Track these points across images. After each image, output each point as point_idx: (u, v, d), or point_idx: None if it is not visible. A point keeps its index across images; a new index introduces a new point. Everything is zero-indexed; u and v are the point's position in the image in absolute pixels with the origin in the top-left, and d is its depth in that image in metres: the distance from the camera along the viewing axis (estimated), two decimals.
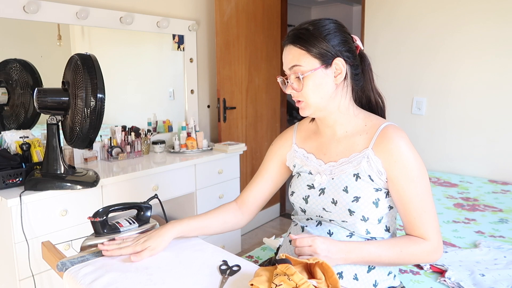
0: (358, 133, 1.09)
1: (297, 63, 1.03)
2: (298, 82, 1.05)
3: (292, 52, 1.04)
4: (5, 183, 1.74)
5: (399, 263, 1.05)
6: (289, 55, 1.05)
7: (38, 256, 1.72)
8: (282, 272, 0.84)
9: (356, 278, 1.05)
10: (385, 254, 1.01)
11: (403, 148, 1.02)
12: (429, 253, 1.04)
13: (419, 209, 1.03)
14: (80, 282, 0.91)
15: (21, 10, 1.99)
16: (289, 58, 1.05)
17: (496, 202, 2.10)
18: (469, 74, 2.60)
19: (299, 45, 1.03)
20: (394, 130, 1.04)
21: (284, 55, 1.06)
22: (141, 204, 1.20)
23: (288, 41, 1.05)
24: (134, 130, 2.52)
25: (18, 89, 2.07)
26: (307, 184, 1.13)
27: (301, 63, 1.03)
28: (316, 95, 1.04)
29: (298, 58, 1.03)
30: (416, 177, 1.02)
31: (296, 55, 1.03)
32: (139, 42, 2.64)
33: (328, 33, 1.03)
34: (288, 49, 1.05)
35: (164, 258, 1.02)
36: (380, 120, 1.10)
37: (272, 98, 3.42)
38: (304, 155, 1.17)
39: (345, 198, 1.05)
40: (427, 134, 2.81)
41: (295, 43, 1.03)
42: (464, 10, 2.56)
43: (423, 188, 1.03)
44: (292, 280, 0.81)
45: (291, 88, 1.06)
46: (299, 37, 1.03)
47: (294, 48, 1.03)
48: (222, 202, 2.66)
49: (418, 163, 1.03)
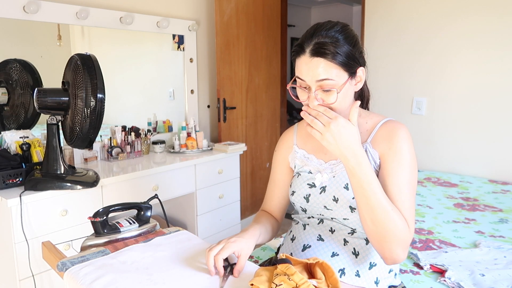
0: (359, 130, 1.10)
1: (328, 77, 0.98)
2: (325, 95, 1.00)
3: (321, 66, 0.97)
4: (5, 183, 1.74)
5: (382, 221, 0.95)
6: (317, 68, 0.98)
7: (38, 256, 1.72)
8: (282, 272, 0.84)
9: (358, 275, 1.06)
10: (380, 197, 0.95)
11: (400, 137, 1.03)
12: (405, 243, 0.97)
13: (403, 195, 1.00)
14: (81, 282, 0.91)
15: (21, 10, 1.99)
16: (317, 71, 0.98)
17: (496, 202, 2.10)
18: (469, 74, 2.60)
19: (331, 59, 0.97)
20: (395, 123, 1.07)
21: (309, 67, 0.99)
22: (141, 204, 1.20)
23: (314, 54, 0.98)
24: (134, 130, 2.52)
25: (18, 89, 2.07)
26: (307, 183, 1.14)
27: (333, 77, 0.98)
28: (343, 106, 1.03)
29: (329, 72, 0.98)
30: (406, 164, 1.02)
31: (326, 68, 0.97)
32: (139, 42, 2.64)
33: (354, 43, 1.01)
34: (314, 61, 0.98)
35: (164, 258, 1.02)
36: (380, 117, 1.12)
37: (272, 98, 3.42)
38: (305, 156, 1.18)
39: (346, 195, 1.06)
40: (427, 134, 2.81)
41: (324, 56, 0.97)
42: (465, 11, 2.57)
43: (410, 178, 1.02)
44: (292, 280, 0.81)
45: (316, 100, 0.99)
46: (328, 50, 0.97)
47: (324, 61, 0.97)
48: (222, 202, 2.66)
49: (410, 154, 1.03)
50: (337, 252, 1.08)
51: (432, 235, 1.68)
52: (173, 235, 1.15)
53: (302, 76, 1.01)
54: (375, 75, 3.00)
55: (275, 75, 3.42)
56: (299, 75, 1.02)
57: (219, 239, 2.64)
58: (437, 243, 1.59)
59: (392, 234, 0.95)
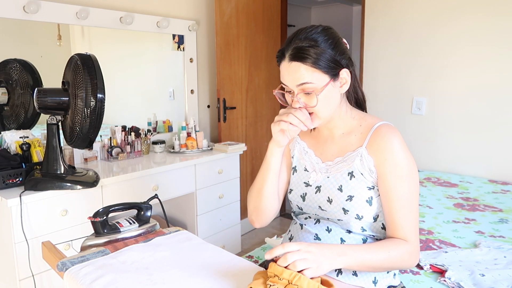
0: (353, 133, 1.10)
1: (308, 81, 0.99)
2: (308, 98, 1.02)
3: (300, 70, 0.99)
4: (5, 183, 1.74)
5: (387, 267, 1.02)
6: (296, 72, 0.99)
7: (38, 256, 1.72)
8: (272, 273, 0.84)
9: (355, 274, 1.06)
10: (374, 257, 0.99)
11: (395, 146, 1.02)
12: (411, 254, 1.03)
13: (405, 209, 1.02)
14: (81, 282, 0.91)
15: (21, 10, 1.99)
16: (297, 75, 0.99)
17: (496, 202, 2.10)
18: (469, 74, 2.60)
19: (309, 63, 0.98)
20: (387, 129, 1.05)
21: (289, 72, 1.01)
22: (141, 204, 1.20)
23: (292, 58, 0.99)
24: (134, 130, 2.52)
25: (18, 89, 2.07)
26: (303, 181, 1.15)
27: (313, 80, 0.99)
28: (326, 108, 1.03)
29: (308, 76, 0.99)
30: (405, 176, 1.02)
31: (304, 72, 0.99)
32: (139, 42, 2.64)
33: (335, 45, 1.01)
34: (293, 66, 0.99)
35: (164, 258, 1.02)
36: (374, 119, 1.11)
37: (272, 98, 3.42)
38: (305, 149, 1.19)
39: (339, 197, 1.06)
40: (427, 134, 2.81)
41: (302, 60, 0.98)
42: (465, 11, 2.56)
43: (410, 188, 1.03)
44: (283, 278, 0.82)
45: (298, 103, 1.01)
46: (306, 53, 0.98)
47: (302, 66, 0.98)
48: (222, 202, 2.66)
49: (408, 162, 1.03)
50: None
51: (432, 235, 1.68)
52: (173, 235, 1.15)
53: (284, 81, 1.04)
54: (375, 75, 3.00)
55: (275, 75, 3.41)
56: (282, 80, 1.05)
57: (219, 239, 2.66)
58: (437, 243, 1.59)
59: (399, 264, 1.03)
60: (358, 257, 0.97)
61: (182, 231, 1.18)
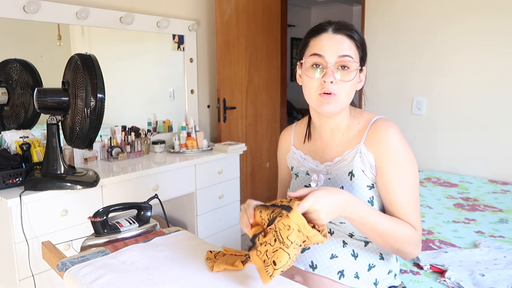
0: (352, 131, 1.10)
1: (350, 54, 1.01)
2: (344, 73, 1.01)
3: (345, 42, 1.01)
4: (5, 183, 1.74)
5: (389, 241, 0.99)
6: (341, 44, 1.00)
7: (38, 256, 1.72)
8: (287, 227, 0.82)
9: (357, 276, 1.06)
10: (382, 222, 0.97)
11: (392, 138, 1.02)
12: (417, 243, 1.02)
13: (406, 199, 1.02)
14: (81, 282, 0.91)
15: (21, 10, 1.99)
16: (341, 47, 1.00)
17: (496, 202, 2.10)
18: (469, 74, 2.60)
19: (353, 41, 1.02)
20: (383, 122, 1.05)
21: (332, 42, 1.00)
22: (141, 204, 1.20)
23: (338, 31, 1.01)
24: (134, 130, 2.52)
25: (18, 89, 2.07)
26: (305, 184, 1.15)
27: (354, 57, 1.01)
28: (348, 94, 1.04)
29: (351, 50, 1.01)
30: (404, 167, 1.02)
31: (349, 46, 1.01)
32: (139, 42, 2.64)
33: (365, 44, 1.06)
34: (338, 38, 1.01)
35: (164, 258, 1.02)
36: (370, 114, 1.11)
37: (272, 98, 3.42)
38: (302, 157, 1.19)
39: None
40: (427, 134, 2.81)
41: (349, 36, 1.01)
42: (465, 10, 2.56)
43: (411, 179, 1.03)
44: (302, 232, 0.82)
45: (332, 76, 0.99)
46: (353, 33, 1.02)
47: (347, 40, 1.01)
48: (222, 202, 2.66)
49: (407, 153, 1.03)
50: (336, 254, 1.08)
51: (432, 235, 1.68)
52: (173, 235, 1.15)
53: (321, 52, 1.01)
54: (375, 75, 3.00)
55: (275, 75, 3.41)
56: (317, 51, 1.01)
57: (219, 239, 2.66)
58: (437, 243, 1.59)
59: (402, 243, 1.00)
60: (366, 214, 0.95)
61: (182, 231, 1.18)
